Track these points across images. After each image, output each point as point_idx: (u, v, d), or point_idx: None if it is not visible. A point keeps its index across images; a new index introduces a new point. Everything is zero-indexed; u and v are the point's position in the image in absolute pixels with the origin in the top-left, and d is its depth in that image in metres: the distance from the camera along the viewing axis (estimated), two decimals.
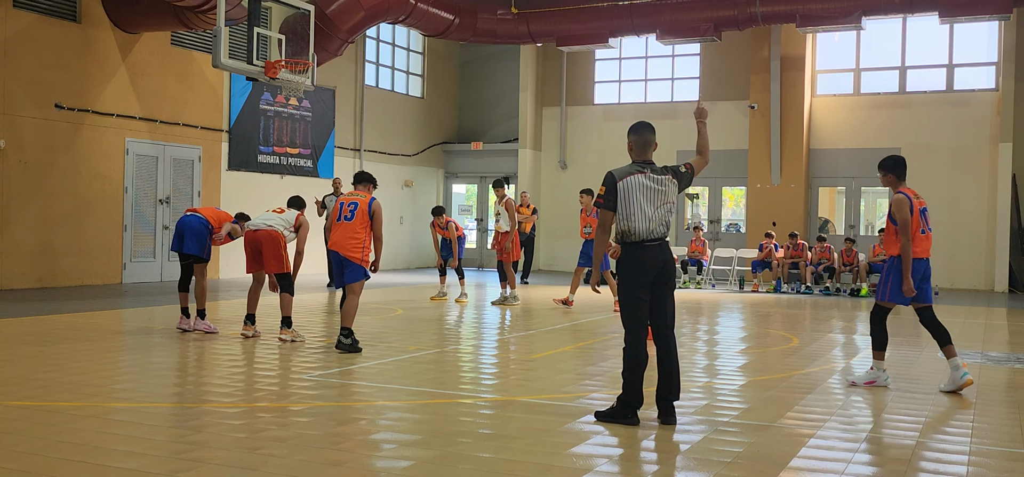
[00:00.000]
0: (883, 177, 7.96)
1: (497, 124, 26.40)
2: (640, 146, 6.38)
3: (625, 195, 6.19)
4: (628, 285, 6.23)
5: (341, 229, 9.21)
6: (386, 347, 9.72)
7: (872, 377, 7.86)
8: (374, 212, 9.24)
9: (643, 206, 6.16)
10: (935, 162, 21.16)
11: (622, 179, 6.23)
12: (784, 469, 5.20)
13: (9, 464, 4.88)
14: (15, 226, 15.15)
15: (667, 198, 6.27)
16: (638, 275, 6.19)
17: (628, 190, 6.20)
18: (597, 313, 13.71)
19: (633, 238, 6.19)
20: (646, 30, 20.35)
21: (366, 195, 9.42)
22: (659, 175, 6.29)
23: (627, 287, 6.23)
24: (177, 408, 6.46)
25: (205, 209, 10.83)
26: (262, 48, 14.42)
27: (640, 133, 6.40)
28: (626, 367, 6.21)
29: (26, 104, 15.22)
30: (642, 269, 6.19)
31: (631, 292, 6.21)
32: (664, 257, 6.24)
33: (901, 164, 7.91)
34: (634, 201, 6.17)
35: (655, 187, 6.23)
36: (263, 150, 19.84)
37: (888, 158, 7.96)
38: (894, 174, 7.87)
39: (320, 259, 21.37)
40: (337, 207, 9.42)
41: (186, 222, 10.51)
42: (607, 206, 6.23)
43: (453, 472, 4.97)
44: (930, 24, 21.14)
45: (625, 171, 6.27)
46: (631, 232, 6.19)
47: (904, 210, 7.65)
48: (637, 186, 6.20)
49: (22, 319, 11.23)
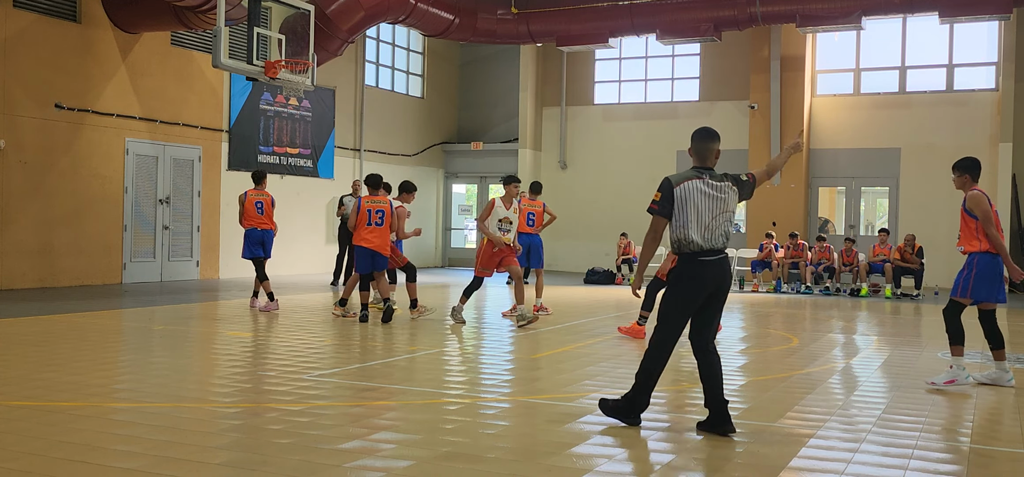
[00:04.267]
0: (958, 178, 7.94)
1: (497, 124, 26.41)
2: (700, 153, 6.02)
3: (682, 202, 5.84)
4: (677, 298, 5.89)
5: (373, 231, 11.34)
6: (386, 347, 9.72)
7: (952, 376, 7.74)
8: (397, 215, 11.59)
9: (701, 214, 5.82)
10: (935, 162, 21.14)
11: (679, 185, 5.88)
12: (784, 469, 5.20)
13: (9, 464, 4.88)
14: (15, 226, 15.15)
15: (726, 207, 5.91)
16: (691, 290, 5.86)
17: (685, 196, 5.84)
18: (598, 314, 13.71)
19: (689, 249, 5.83)
20: (646, 30, 20.35)
21: (386, 200, 11.49)
22: (718, 182, 5.94)
23: (675, 299, 5.90)
24: (177, 408, 6.46)
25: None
26: (262, 48, 14.41)
27: (703, 140, 6.03)
28: (642, 371, 5.99)
29: (26, 104, 15.22)
30: (696, 285, 5.85)
31: (678, 306, 5.88)
32: (722, 272, 5.90)
33: (977, 165, 7.95)
34: (690, 208, 5.82)
35: (714, 194, 5.88)
36: (263, 150, 19.84)
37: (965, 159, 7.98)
38: (969, 174, 7.89)
39: (321, 259, 21.39)
40: (364, 211, 11.31)
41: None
42: (661, 213, 5.89)
43: (453, 472, 4.97)
44: (930, 24, 21.15)
45: (682, 176, 5.92)
46: (687, 242, 5.83)
47: (983, 204, 7.71)
48: (695, 192, 5.84)
49: (22, 319, 11.23)
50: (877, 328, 12.98)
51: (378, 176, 11.78)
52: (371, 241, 11.31)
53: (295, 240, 20.70)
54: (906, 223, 21.07)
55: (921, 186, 21.41)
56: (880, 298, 18.10)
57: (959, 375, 7.74)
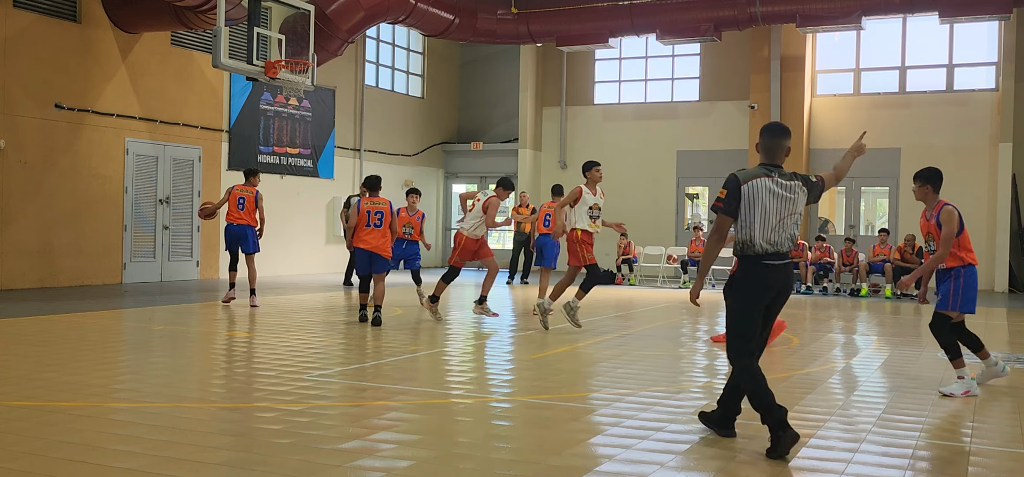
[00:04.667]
0: (918, 188, 7.72)
1: (497, 124, 26.40)
2: (770, 150, 5.63)
3: (748, 200, 5.48)
4: (741, 305, 5.56)
5: (372, 233, 11.31)
6: (386, 347, 9.72)
7: (966, 387, 7.56)
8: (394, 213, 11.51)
9: (767, 215, 5.46)
10: (935, 162, 20.81)
11: (747, 182, 5.51)
12: (784, 469, 5.19)
13: (9, 464, 4.88)
14: (15, 226, 15.15)
15: (795, 208, 5.55)
16: (755, 295, 5.53)
17: (752, 195, 5.48)
18: (598, 314, 13.70)
19: (753, 251, 5.49)
20: (646, 30, 20.35)
21: (385, 202, 11.47)
22: (788, 181, 5.57)
23: (740, 307, 5.56)
24: (177, 408, 6.45)
25: None
26: (262, 48, 14.42)
27: (774, 136, 5.65)
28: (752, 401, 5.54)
29: (26, 104, 15.22)
30: (760, 289, 5.52)
31: (744, 314, 5.55)
32: (786, 277, 5.58)
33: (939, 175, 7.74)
34: (757, 208, 5.46)
35: (783, 193, 5.51)
36: (263, 150, 19.84)
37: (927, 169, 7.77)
38: (931, 185, 7.70)
39: (321, 259, 21.39)
40: (363, 213, 11.29)
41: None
42: (727, 211, 5.52)
43: (453, 472, 4.97)
44: (930, 24, 21.15)
45: (750, 174, 5.54)
46: (751, 243, 5.49)
47: (954, 222, 7.50)
48: (763, 191, 5.48)
49: (22, 319, 11.22)
50: (877, 328, 12.98)
51: (377, 178, 11.92)
52: (370, 242, 11.32)
53: (294, 240, 20.70)
54: (906, 223, 21.06)
55: None
56: (880, 298, 18.11)
57: (971, 385, 7.61)
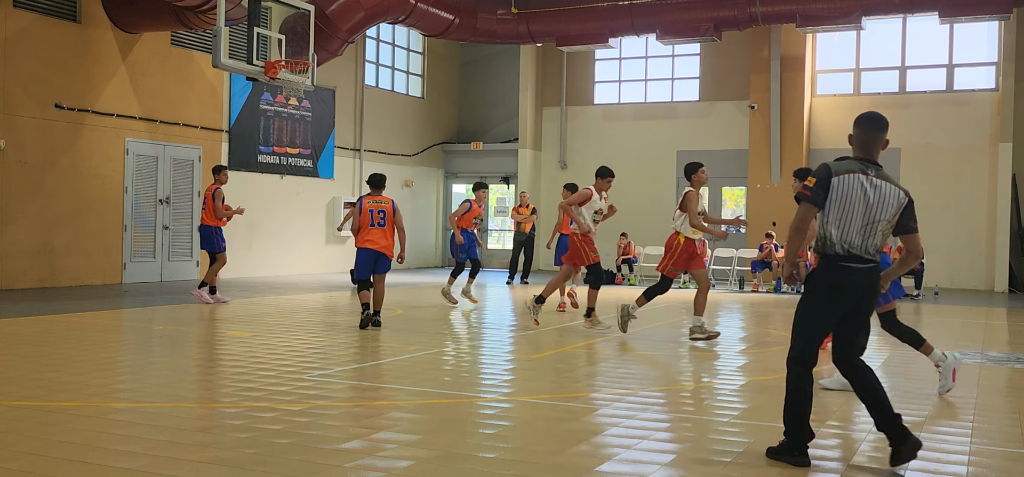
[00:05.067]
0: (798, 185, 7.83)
1: (497, 124, 26.40)
2: (865, 143, 5.15)
3: (838, 194, 5.04)
4: (813, 307, 5.16)
5: (376, 232, 11.00)
6: (386, 347, 9.72)
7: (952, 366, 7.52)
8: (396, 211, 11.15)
9: (854, 213, 5.02)
10: (935, 162, 21.17)
11: (838, 175, 5.07)
12: (784, 469, 5.19)
13: (9, 464, 4.88)
14: (15, 226, 15.15)
15: (886, 215, 5.07)
16: (830, 299, 5.10)
17: (843, 190, 5.04)
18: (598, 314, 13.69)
19: (833, 250, 5.06)
20: (646, 30, 20.35)
21: (388, 200, 11.14)
22: (882, 181, 5.10)
23: (811, 310, 5.16)
24: (177, 408, 6.45)
25: None
26: (262, 48, 14.42)
27: (870, 128, 5.16)
28: (785, 410, 5.21)
29: (26, 104, 15.22)
30: (838, 293, 5.08)
31: (813, 315, 5.15)
32: (870, 284, 5.10)
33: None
34: (845, 204, 5.03)
35: (876, 196, 5.05)
36: (263, 150, 19.84)
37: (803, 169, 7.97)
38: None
39: (321, 259, 21.39)
40: (366, 211, 10.96)
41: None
42: (813, 201, 5.08)
43: (453, 472, 4.97)
44: (930, 24, 21.15)
45: (844, 166, 5.09)
46: (831, 241, 5.05)
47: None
48: (855, 187, 5.03)
49: (22, 319, 11.22)
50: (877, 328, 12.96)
51: (381, 176, 11.42)
52: (376, 241, 10.98)
53: (294, 240, 20.71)
54: None
55: (921, 186, 21.37)
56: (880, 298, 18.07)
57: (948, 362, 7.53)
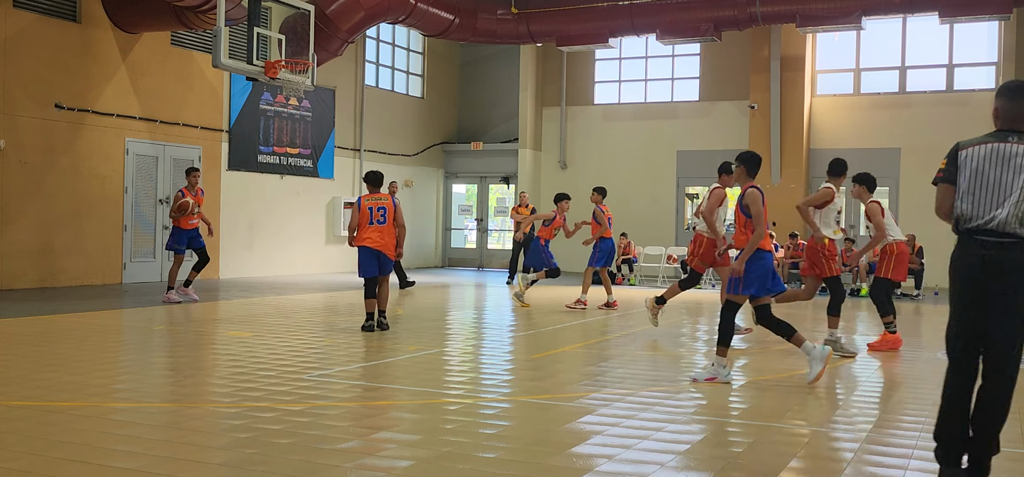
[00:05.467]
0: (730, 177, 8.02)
1: (497, 124, 26.40)
2: (1009, 114, 4.73)
3: (970, 167, 4.66)
4: (951, 291, 4.80)
5: (377, 230, 10.70)
6: (386, 347, 9.72)
7: (713, 373, 7.76)
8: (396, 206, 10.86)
9: (986, 182, 4.60)
10: (935, 162, 20.87)
11: (965, 148, 4.72)
12: (784, 469, 5.19)
13: (9, 464, 4.88)
14: (15, 226, 15.15)
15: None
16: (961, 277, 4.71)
17: (974, 161, 4.65)
18: (598, 313, 13.70)
19: (966, 224, 4.65)
20: (646, 30, 20.35)
21: (387, 197, 10.89)
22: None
23: (951, 293, 4.81)
24: (177, 408, 6.46)
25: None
26: (262, 48, 14.42)
27: (1013, 97, 4.73)
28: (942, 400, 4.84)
29: (26, 104, 15.22)
30: (968, 272, 4.66)
31: (951, 301, 4.80)
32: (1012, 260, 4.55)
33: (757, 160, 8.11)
34: (975, 175, 4.63)
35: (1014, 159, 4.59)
36: (263, 150, 19.84)
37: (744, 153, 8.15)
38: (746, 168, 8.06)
39: (321, 259, 21.39)
40: (365, 210, 10.67)
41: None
42: (946, 179, 4.77)
43: (453, 472, 4.97)
44: (930, 24, 21.14)
45: (976, 139, 4.74)
46: (963, 215, 4.66)
47: (758, 203, 7.92)
48: (984, 157, 4.63)
49: (22, 319, 11.23)
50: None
51: (379, 173, 11.17)
52: (375, 240, 10.66)
53: (294, 240, 20.71)
54: (906, 223, 21.02)
55: (921, 186, 21.30)
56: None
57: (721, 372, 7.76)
